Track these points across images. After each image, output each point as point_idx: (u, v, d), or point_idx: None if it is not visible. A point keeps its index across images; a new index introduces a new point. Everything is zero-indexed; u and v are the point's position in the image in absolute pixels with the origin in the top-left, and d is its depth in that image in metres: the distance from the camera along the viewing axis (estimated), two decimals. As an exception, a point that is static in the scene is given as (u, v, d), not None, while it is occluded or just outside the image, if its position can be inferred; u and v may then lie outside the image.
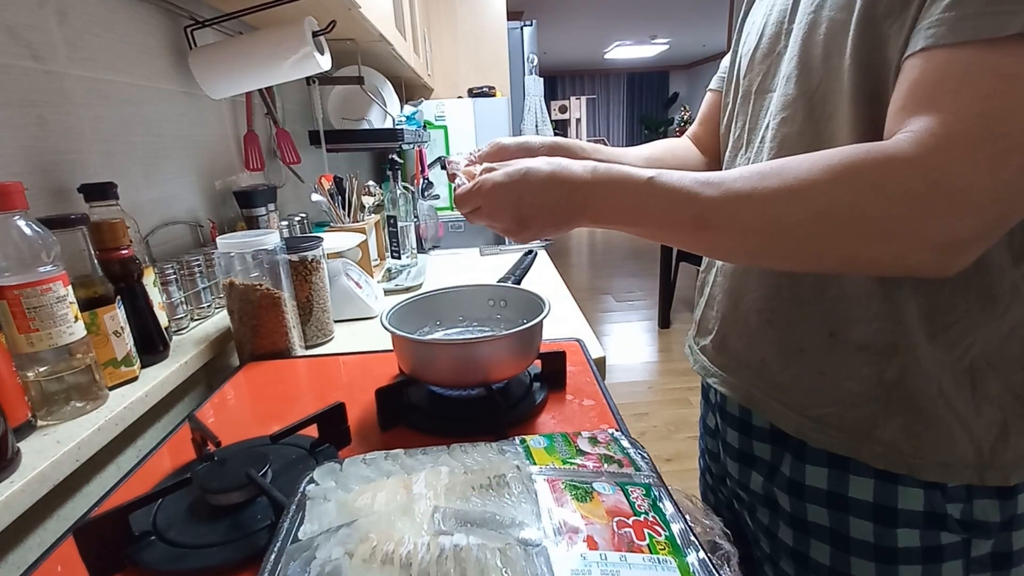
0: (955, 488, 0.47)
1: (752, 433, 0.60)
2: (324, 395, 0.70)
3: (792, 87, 0.50)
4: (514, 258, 1.14)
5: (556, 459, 0.44)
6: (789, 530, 0.56)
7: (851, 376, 0.49)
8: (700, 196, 0.43)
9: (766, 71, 0.55)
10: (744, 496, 0.62)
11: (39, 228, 0.53)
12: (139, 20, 0.84)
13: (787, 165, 0.41)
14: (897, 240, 0.38)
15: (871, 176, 0.38)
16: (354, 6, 1.04)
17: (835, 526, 0.52)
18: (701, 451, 0.75)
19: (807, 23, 0.49)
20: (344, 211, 1.24)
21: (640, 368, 2.92)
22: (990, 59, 0.35)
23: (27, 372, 0.54)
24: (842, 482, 0.51)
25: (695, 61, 9.62)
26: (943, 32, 0.37)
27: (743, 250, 0.46)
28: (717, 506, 0.72)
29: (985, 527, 0.48)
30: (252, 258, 0.75)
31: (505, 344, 0.59)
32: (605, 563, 0.33)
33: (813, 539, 0.54)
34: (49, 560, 0.44)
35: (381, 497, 0.38)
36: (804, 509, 0.54)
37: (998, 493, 0.47)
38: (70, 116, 0.69)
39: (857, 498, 0.50)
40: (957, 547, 0.48)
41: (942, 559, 0.48)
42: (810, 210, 0.40)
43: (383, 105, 1.70)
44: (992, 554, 0.49)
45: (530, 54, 3.38)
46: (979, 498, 0.47)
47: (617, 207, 0.47)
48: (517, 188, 0.49)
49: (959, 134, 0.35)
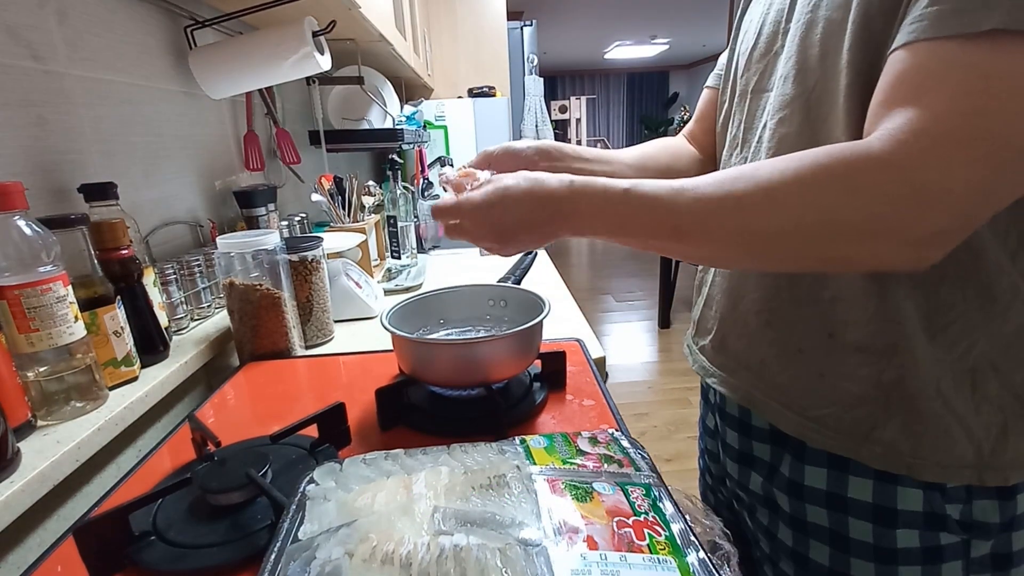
0: (955, 489, 0.47)
1: (751, 434, 0.60)
2: (324, 395, 0.70)
3: (789, 87, 0.50)
4: (514, 258, 1.14)
5: (556, 459, 0.44)
6: (788, 530, 0.56)
7: (850, 377, 0.49)
8: (675, 205, 0.43)
9: (763, 70, 0.55)
10: (744, 496, 0.62)
11: (39, 228, 0.53)
12: (139, 20, 0.84)
13: (760, 169, 0.41)
14: (872, 239, 0.38)
15: (845, 178, 0.38)
16: (354, 6, 1.04)
17: (834, 527, 0.52)
18: (701, 451, 0.75)
19: (804, 22, 0.49)
20: (344, 211, 1.24)
21: (640, 368, 2.92)
22: (969, 55, 0.35)
23: (27, 372, 0.54)
24: (841, 483, 0.51)
25: (695, 61, 9.62)
26: (924, 27, 0.37)
27: (723, 256, 0.46)
28: (717, 506, 0.72)
29: (985, 528, 0.48)
30: (252, 258, 0.75)
31: (505, 344, 0.59)
32: (605, 563, 0.33)
33: (812, 540, 0.54)
34: (49, 560, 0.44)
35: (381, 497, 0.38)
36: (803, 510, 0.54)
37: (998, 494, 0.47)
38: (70, 116, 0.69)
39: (856, 499, 0.50)
40: (957, 548, 0.48)
41: (942, 560, 0.48)
42: (783, 215, 0.40)
43: (383, 105, 1.70)
44: (992, 555, 0.48)
45: (530, 54, 3.38)
46: (979, 499, 0.47)
47: (596, 219, 0.47)
48: (496, 208, 0.49)
49: (936, 132, 0.36)
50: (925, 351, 0.46)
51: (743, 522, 0.64)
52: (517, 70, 3.34)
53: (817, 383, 0.51)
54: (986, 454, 0.46)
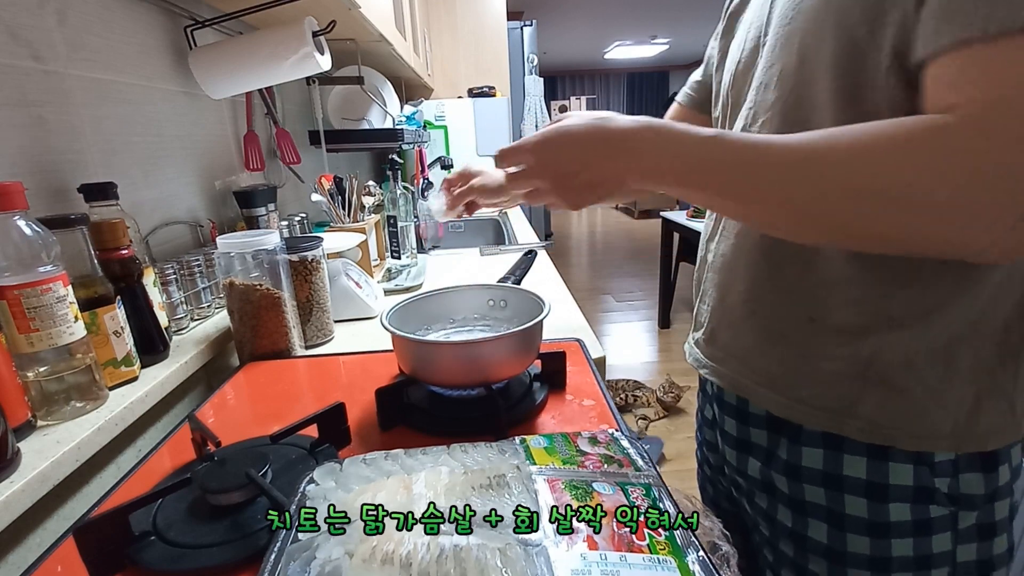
0: (942, 463, 0.50)
1: (749, 420, 0.61)
2: (324, 395, 0.70)
3: (768, 93, 0.52)
4: (514, 258, 1.14)
5: (556, 459, 0.44)
6: (788, 511, 0.57)
7: (830, 357, 0.52)
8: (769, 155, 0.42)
9: (745, 83, 0.57)
10: (742, 483, 0.64)
11: (39, 228, 0.53)
12: (139, 20, 0.84)
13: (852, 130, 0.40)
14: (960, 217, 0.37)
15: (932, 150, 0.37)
16: (354, 6, 1.04)
17: (831, 505, 0.54)
18: (699, 443, 0.77)
19: (783, 34, 0.51)
20: (344, 211, 1.24)
21: (640, 368, 2.92)
22: None
23: (27, 372, 0.54)
24: (837, 462, 0.53)
25: (695, 61, 9.59)
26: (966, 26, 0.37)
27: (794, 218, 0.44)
28: (716, 496, 0.74)
29: (970, 500, 0.50)
30: (252, 258, 0.75)
31: (505, 344, 0.59)
32: (605, 563, 0.33)
33: (811, 519, 0.55)
34: (49, 560, 0.44)
35: (381, 497, 0.38)
36: (801, 490, 0.56)
37: (982, 467, 0.50)
38: (70, 116, 0.69)
39: (851, 476, 0.52)
40: (945, 520, 0.51)
41: (931, 532, 0.51)
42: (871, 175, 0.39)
43: (383, 105, 1.70)
44: (977, 525, 0.51)
45: (530, 54, 3.38)
46: (964, 472, 0.50)
47: (663, 158, 0.45)
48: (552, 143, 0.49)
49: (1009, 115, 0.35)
50: (901, 331, 0.48)
51: (742, 509, 0.65)
52: (517, 70, 3.34)
53: (800, 365, 0.54)
54: (961, 424, 0.48)
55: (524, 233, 1.98)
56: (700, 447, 0.76)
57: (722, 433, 0.66)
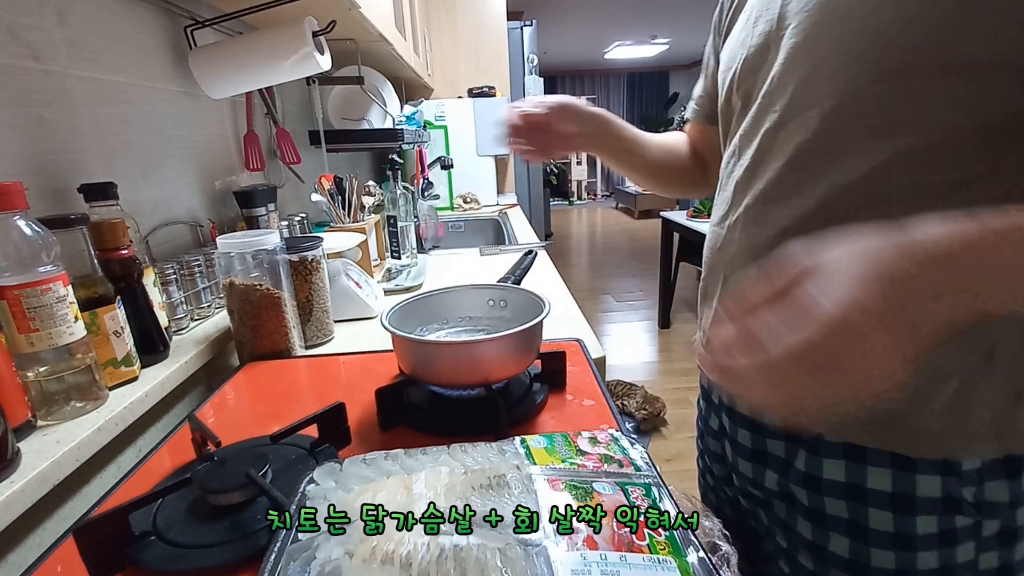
0: (968, 472, 0.49)
1: (764, 431, 0.60)
2: (324, 395, 0.70)
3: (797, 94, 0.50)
4: (514, 258, 1.14)
5: (556, 459, 0.44)
6: (807, 523, 0.56)
7: None
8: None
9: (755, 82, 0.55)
10: (757, 494, 0.62)
11: (39, 228, 0.53)
12: (139, 20, 0.84)
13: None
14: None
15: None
16: (354, 6, 1.04)
17: (853, 517, 0.52)
18: (700, 452, 0.75)
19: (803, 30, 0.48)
20: (344, 211, 1.24)
21: (640, 368, 2.92)
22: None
23: (27, 372, 0.54)
24: (860, 474, 0.52)
25: (695, 61, 9.61)
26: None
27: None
28: (718, 505, 0.72)
29: (994, 507, 0.49)
30: (252, 258, 0.75)
31: (505, 344, 0.59)
32: (605, 563, 0.33)
33: (832, 532, 0.54)
34: (49, 560, 0.44)
35: (381, 497, 0.38)
36: (822, 503, 0.54)
37: (1006, 474, 0.49)
38: (70, 116, 0.69)
39: (876, 489, 0.51)
40: (969, 529, 0.50)
41: (957, 542, 0.50)
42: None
43: (383, 105, 1.70)
44: (999, 532, 0.50)
45: (530, 54, 3.37)
46: (990, 480, 0.49)
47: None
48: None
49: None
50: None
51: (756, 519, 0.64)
52: (517, 70, 3.34)
53: None
54: (1004, 423, 0.47)
55: (524, 233, 1.99)
56: (702, 456, 0.74)
57: (733, 444, 0.64)
